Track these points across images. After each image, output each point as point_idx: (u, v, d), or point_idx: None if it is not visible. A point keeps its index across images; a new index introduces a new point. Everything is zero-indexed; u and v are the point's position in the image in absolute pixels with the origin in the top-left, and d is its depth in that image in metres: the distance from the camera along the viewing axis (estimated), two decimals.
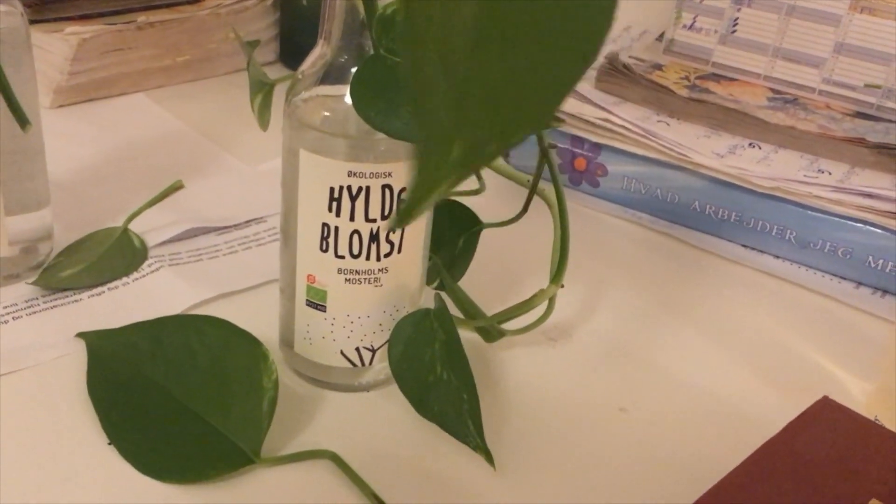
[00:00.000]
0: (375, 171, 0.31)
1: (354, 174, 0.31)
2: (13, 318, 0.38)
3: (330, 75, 0.32)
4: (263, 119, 0.36)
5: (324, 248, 0.33)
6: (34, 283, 0.40)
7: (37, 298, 0.40)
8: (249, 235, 0.47)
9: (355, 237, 0.32)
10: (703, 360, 0.41)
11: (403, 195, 0.32)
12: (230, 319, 0.35)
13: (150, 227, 0.45)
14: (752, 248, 0.50)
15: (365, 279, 0.33)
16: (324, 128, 0.32)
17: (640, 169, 0.52)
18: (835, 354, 0.43)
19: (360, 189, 0.31)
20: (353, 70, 0.30)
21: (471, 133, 0.17)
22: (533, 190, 0.35)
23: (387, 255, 0.33)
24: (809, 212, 0.48)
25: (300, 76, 0.33)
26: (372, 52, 0.30)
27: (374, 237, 0.32)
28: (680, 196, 0.51)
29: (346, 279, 0.33)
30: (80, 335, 0.37)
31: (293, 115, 0.32)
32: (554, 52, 0.18)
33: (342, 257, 0.33)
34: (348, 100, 0.30)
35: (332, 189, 0.31)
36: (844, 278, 0.48)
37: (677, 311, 0.45)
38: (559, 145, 0.54)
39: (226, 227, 0.47)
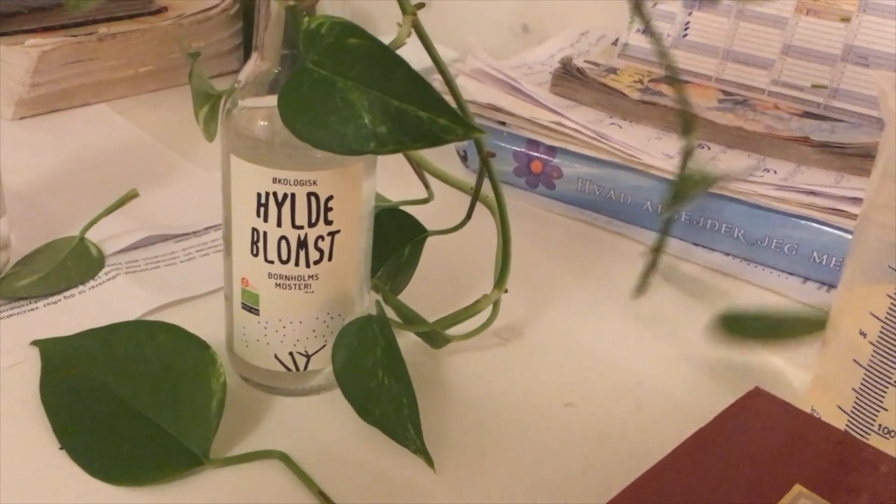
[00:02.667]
0: (300, 179, 0.32)
1: (280, 181, 0.32)
2: None
3: (263, 85, 0.33)
4: (210, 130, 0.37)
5: (254, 252, 0.34)
6: None
7: None
8: (207, 242, 0.48)
9: (283, 243, 0.33)
10: (650, 355, 0.42)
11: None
12: (184, 325, 0.36)
13: (108, 236, 0.46)
14: (703, 246, 0.51)
15: (295, 285, 0.34)
16: (252, 135, 0.33)
17: (593, 171, 0.53)
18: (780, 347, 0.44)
19: (285, 195, 0.32)
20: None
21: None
22: (475, 197, 0.36)
23: (316, 262, 0.34)
24: (756, 209, 0.49)
25: (236, 86, 0.33)
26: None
27: (301, 244, 0.33)
28: (632, 196, 0.52)
29: (276, 284, 0.34)
30: (35, 343, 0.38)
31: (228, 124, 0.33)
32: None
33: (272, 262, 0.34)
34: None
35: (258, 195, 0.32)
36: (792, 274, 0.49)
37: (627, 308, 0.46)
38: (516, 148, 0.55)
39: (184, 234, 0.48)
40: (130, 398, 0.34)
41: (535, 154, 0.55)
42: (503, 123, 0.55)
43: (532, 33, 0.77)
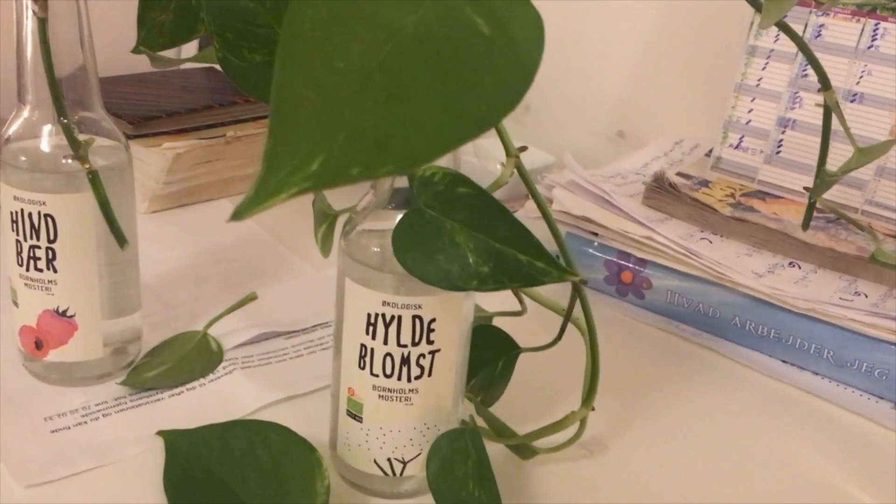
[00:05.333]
0: (407, 303, 0.35)
1: (388, 304, 0.35)
2: (103, 415, 0.43)
3: (378, 214, 0.36)
4: (326, 248, 0.41)
5: (361, 365, 0.37)
6: (123, 384, 0.45)
7: (124, 397, 0.45)
8: (314, 339, 0.51)
9: (388, 359, 0.36)
10: (737, 481, 0.43)
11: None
12: (292, 421, 0.39)
13: (227, 331, 0.50)
14: (792, 364, 0.52)
15: (397, 397, 0.37)
16: (365, 262, 0.36)
17: (683, 284, 0.55)
18: (868, 482, 0.44)
19: (393, 317, 0.35)
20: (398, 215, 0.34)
21: (341, 155, 0.19)
22: (566, 320, 0.38)
23: (417, 378, 0.37)
24: (846, 332, 0.49)
25: (355, 213, 0.37)
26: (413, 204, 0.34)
27: (405, 360, 0.36)
28: (721, 311, 0.54)
29: (379, 395, 0.37)
30: (160, 433, 0.42)
31: (346, 248, 0.37)
32: (436, 121, 0.21)
33: (377, 375, 0.37)
34: None
35: (368, 315, 0.36)
36: (882, 398, 0.49)
37: (714, 425, 0.47)
38: (607, 258, 0.57)
39: (294, 332, 0.52)
40: (244, 493, 0.37)
41: (626, 264, 0.57)
42: (595, 234, 0.58)
43: (627, 139, 0.79)
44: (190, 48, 0.79)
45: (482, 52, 0.22)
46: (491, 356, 0.42)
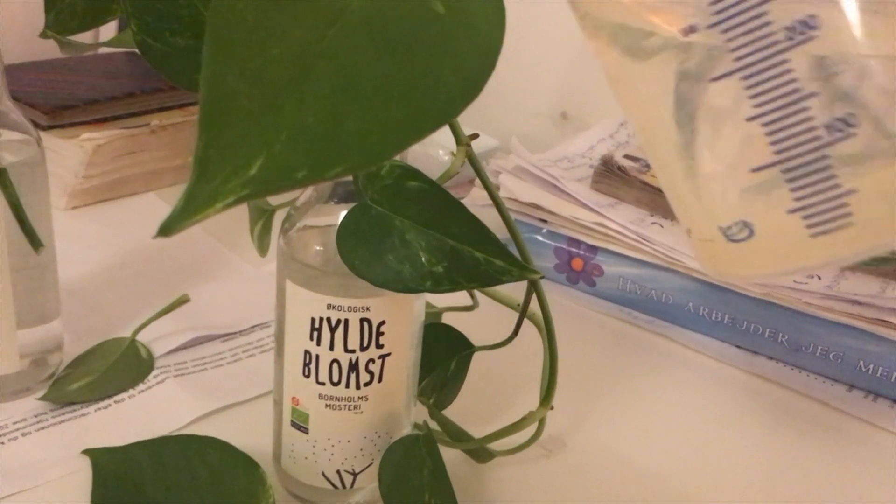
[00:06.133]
0: (354, 306, 0.32)
1: (334, 307, 0.32)
2: (22, 434, 0.40)
3: (319, 208, 0.34)
4: (263, 246, 0.38)
5: (306, 373, 0.34)
6: (43, 399, 0.41)
7: (46, 413, 0.41)
8: (253, 342, 0.48)
9: (335, 366, 0.34)
10: (700, 474, 0.42)
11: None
12: (231, 433, 0.36)
13: (157, 336, 0.46)
14: (746, 350, 0.51)
15: (345, 405, 0.34)
16: (308, 262, 0.33)
17: (634, 271, 0.53)
18: (826, 465, 0.43)
19: (339, 321, 0.33)
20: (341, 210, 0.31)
21: (283, 156, 0.17)
22: (522, 316, 0.36)
23: (367, 384, 0.34)
24: (800, 315, 0.49)
25: (294, 209, 0.34)
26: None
27: (353, 367, 0.34)
28: (674, 297, 0.52)
29: (326, 405, 0.34)
30: (87, 452, 0.38)
31: (286, 247, 0.34)
32: (389, 114, 0.18)
33: (322, 384, 0.34)
34: None
35: (312, 319, 0.33)
36: (837, 381, 0.49)
37: (671, 416, 0.46)
38: (557, 245, 0.56)
39: (231, 334, 0.48)
40: None
41: (576, 251, 0.55)
42: (544, 221, 0.56)
43: (571, 121, 0.78)
44: (109, 29, 0.74)
45: (438, 34, 0.20)
46: (443, 355, 0.39)
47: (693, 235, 0.26)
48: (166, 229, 0.16)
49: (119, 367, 0.44)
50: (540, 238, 0.56)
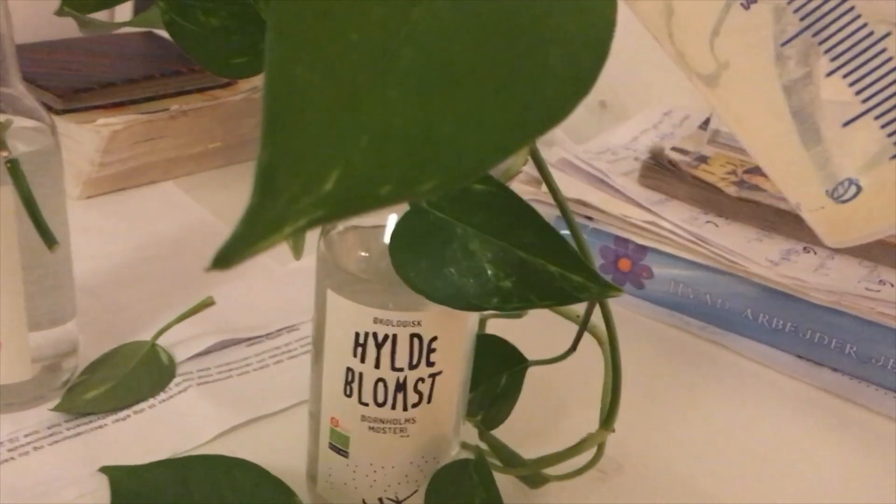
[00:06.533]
0: (403, 320, 0.29)
1: (381, 321, 0.29)
2: (34, 448, 0.37)
3: None
4: (297, 247, 0.34)
5: (348, 392, 0.31)
6: (57, 409, 0.38)
7: (59, 424, 0.38)
8: (281, 346, 0.45)
9: (380, 385, 0.30)
10: (759, 489, 0.39)
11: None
12: (261, 449, 0.33)
13: (178, 340, 0.43)
14: (809, 360, 0.47)
15: (390, 428, 0.31)
16: (352, 270, 0.30)
17: (688, 273, 0.50)
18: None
19: (386, 336, 0.29)
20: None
21: (365, 167, 0.13)
22: (582, 328, 0.33)
23: (415, 406, 0.31)
24: (872, 325, 0.45)
25: None
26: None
27: (400, 386, 0.30)
28: (731, 303, 0.49)
29: (369, 427, 0.31)
30: (104, 470, 0.35)
31: (327, 252, 0.30)
32: (490, 114, 0.15)
33: (366, 404, 0.31)
34: (387, 238, 0.28)
35: (357, 334, 0.30)
36: None
37: (729, 432, 0.42)
38: (603, 244, 0.52)
39: (257, 337, 0.45)
40: None
41: (624, 251, 0.52)
42: (589, 218, 0.52)
43: (610, 109, 0.74)
44: (123, 11, 0.70)
45: (541, 13, 0.16)
46: (491, 369, 0.36)
47: (803, 208, 0.26)
48: (224, 261, 0.12)
49: (138, 374, 0.41)
50: (584, 237, 0.52)
